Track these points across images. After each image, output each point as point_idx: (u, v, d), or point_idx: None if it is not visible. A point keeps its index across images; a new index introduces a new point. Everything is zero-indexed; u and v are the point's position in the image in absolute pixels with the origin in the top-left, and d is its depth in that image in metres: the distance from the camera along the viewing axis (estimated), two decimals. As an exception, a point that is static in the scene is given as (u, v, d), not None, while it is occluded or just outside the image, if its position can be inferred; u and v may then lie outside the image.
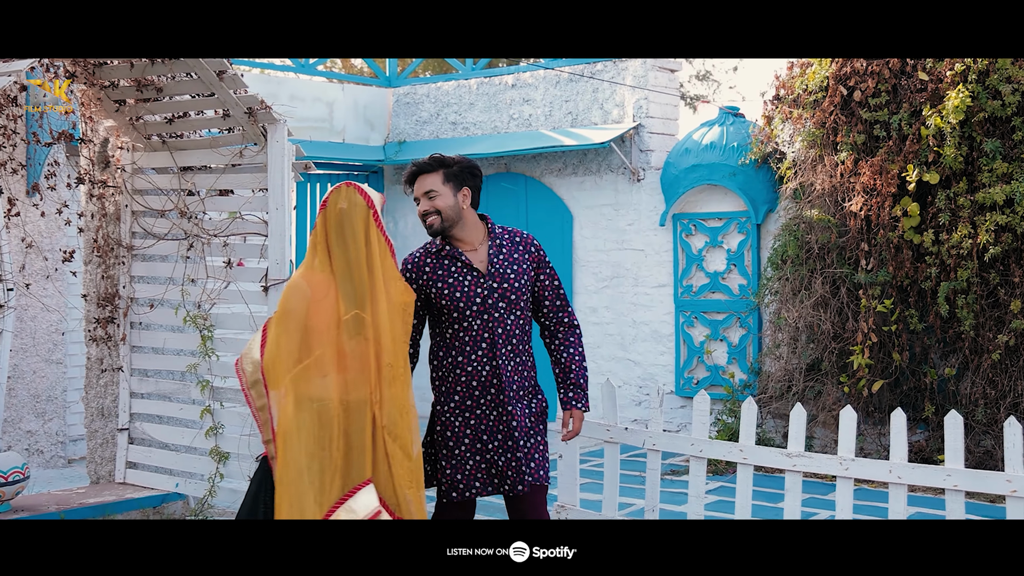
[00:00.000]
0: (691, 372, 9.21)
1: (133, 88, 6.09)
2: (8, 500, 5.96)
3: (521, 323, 4.24)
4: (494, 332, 4.14)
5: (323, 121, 10.55)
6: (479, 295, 4.14)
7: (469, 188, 4.21)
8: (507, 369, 4.16)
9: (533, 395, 4.28)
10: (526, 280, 4.24)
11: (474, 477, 4.14)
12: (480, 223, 4.28)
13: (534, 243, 4.33)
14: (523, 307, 4.24)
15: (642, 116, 9.45)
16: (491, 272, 4.17)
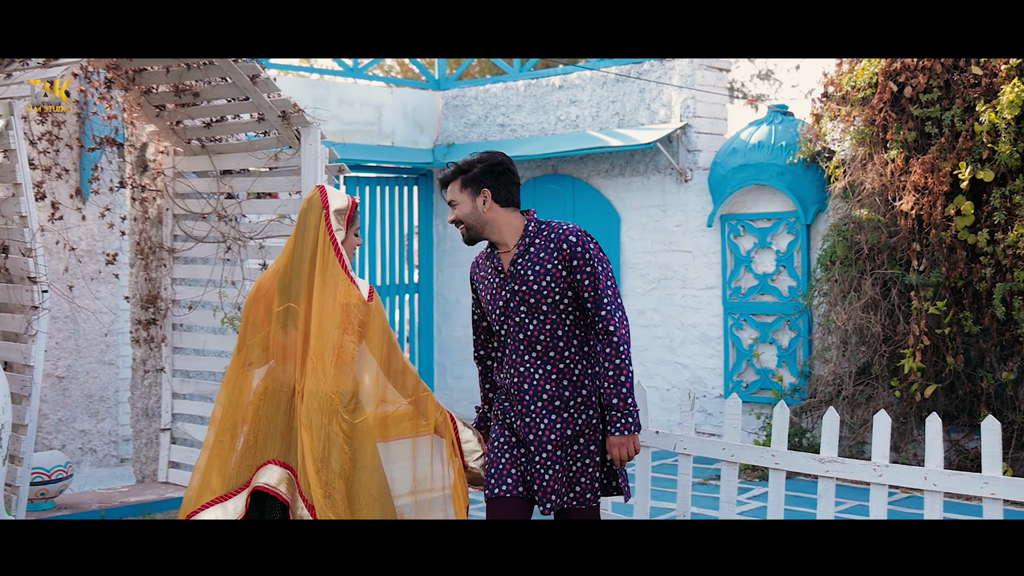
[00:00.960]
0: (740, 375, 9.08)
1: (172, 93, 6.17)
2: (52, 497, 6.08)
3: (550, 328, 3.89)
4: (516, 338, 3.92)
5: (372, 124, 10.60)
6: (502, 299, 3.94)
7: (489, 188, 3.94)
8: (533, 378, 3.90)
9: (575, 410, 3.91)
10: (551, 281, 3.87)
11: (507, 473, 3.92)
12: (515, 221, 3.98)
13: (570, 238, 3.88)
14: (549, 310, 3.88)
15: (689, 116, 9.35)
16: (512, 274, 3.92)
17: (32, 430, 4.94)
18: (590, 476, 3.90)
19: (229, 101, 6.08)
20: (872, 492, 4.66)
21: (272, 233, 6.12)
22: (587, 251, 3.85)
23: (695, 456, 5.41)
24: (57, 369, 8.01)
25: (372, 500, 3.76)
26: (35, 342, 4.90)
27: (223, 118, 6.22)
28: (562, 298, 3.88)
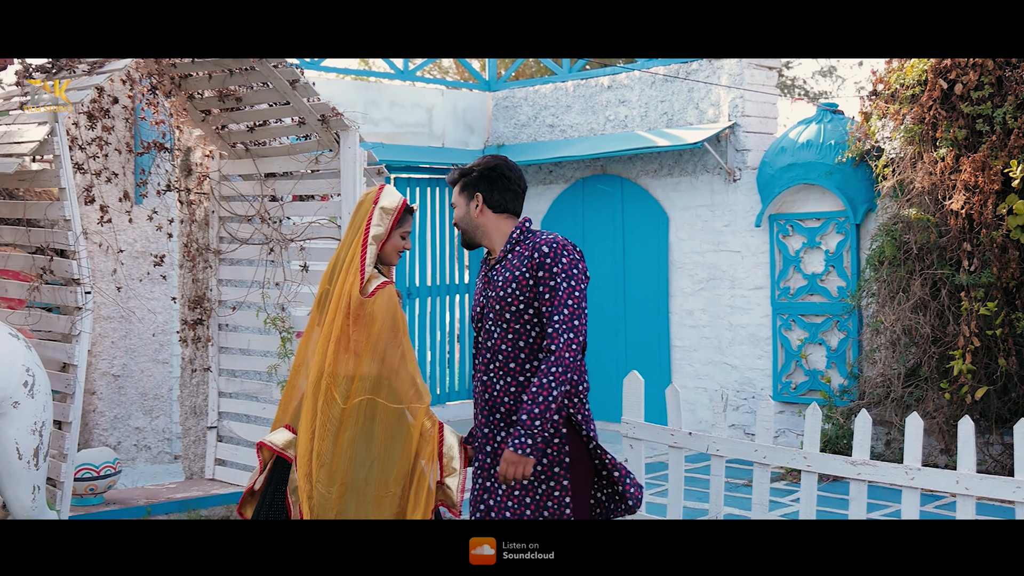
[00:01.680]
0: (789, 376, 9.01)
1: (216, 98, 6.29)
2: (101, 493, 6.23)
3: (511, 338, 3.74)
4: (484, 346, 3.84)
5: (422, 126, 10.68)
6: (478, 304, 3.92)
7: (482, 193, 3.87)
8: (494, 389, 3.79)
9: None
10: (515, 288, 3.72)
11: (480, 500, 3.85)
12: (506, 228, 3.91)
13: (543, 248, 3.72)
14: (512, 319, 3.73)
15: (738, 115, 9.29)
16: (488, 280, 3.87)
17: (76, 428, 5.08)
18: (557, 501, 3.70)
19: (271, 105, 6.19)
20: (904, 495, 4.62)
21: (313, 235, 6.22)
22: (556, 263, 3.65)
23: (736, 459, 5.39)
24: (113, 368, 8.23)
25: (344, 487, 3.89)
26: (79, 342, 5.03)
27: (265, 122, 6.33)
28: (527, 308, 3.73)
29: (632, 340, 10.02)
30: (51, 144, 4.92)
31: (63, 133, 4.93)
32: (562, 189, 10.55)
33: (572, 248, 3.76)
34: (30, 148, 4.91)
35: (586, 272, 3.79)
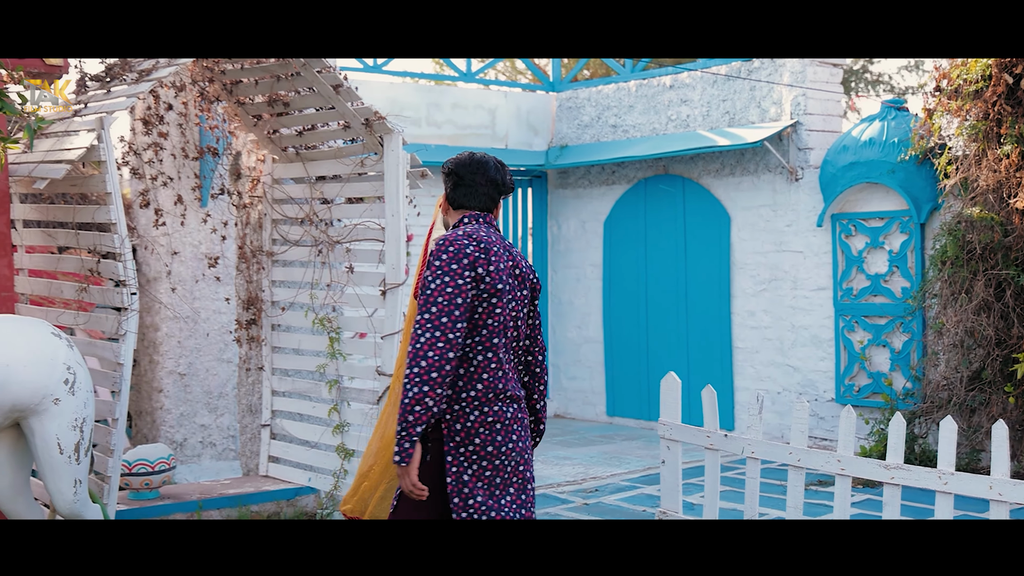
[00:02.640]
0: (852, 379, 8.86)
1: (266, 104, 6.43)
2: (157, 487, 6.42)
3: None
4: None
5: (485, 128, 10.75)
6: None
7: (445, 190, 3.78)
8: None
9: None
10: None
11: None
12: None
13: (433, 246, 3.61)
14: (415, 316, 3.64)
15: (800, 113, 9.17)
16: None
17: (122, 424, 5.24)
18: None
19: (317, 110, 6.30)
20: (937, 500, 4.54)
21: (358, 237, 6.31)
22: (433, 262, 3.48)
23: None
24: (179, 366, 8.43)
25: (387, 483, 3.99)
26: (124, 341, 5.19)
27: (314, 126, 6.45)
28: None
29: (694, 341, 9.95)
30: (97, 151, 5.08)
31: (109, 140, 5.09)
32: (625, 189, 10.53)
33: (457, 247, 3.46)
34: (77, 155, 5.09)
35: (474, 269, 3.43)
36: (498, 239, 3.59)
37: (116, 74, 5.76)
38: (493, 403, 3.48)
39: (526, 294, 3.62)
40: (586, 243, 10.90)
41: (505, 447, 3.48)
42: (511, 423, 3.49)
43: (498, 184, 3.71)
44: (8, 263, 5.48)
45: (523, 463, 3.54)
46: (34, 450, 4.52)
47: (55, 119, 5.62)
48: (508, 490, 3.48)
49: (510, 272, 3.55)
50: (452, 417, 3.47)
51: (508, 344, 3.53)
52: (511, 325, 3.53)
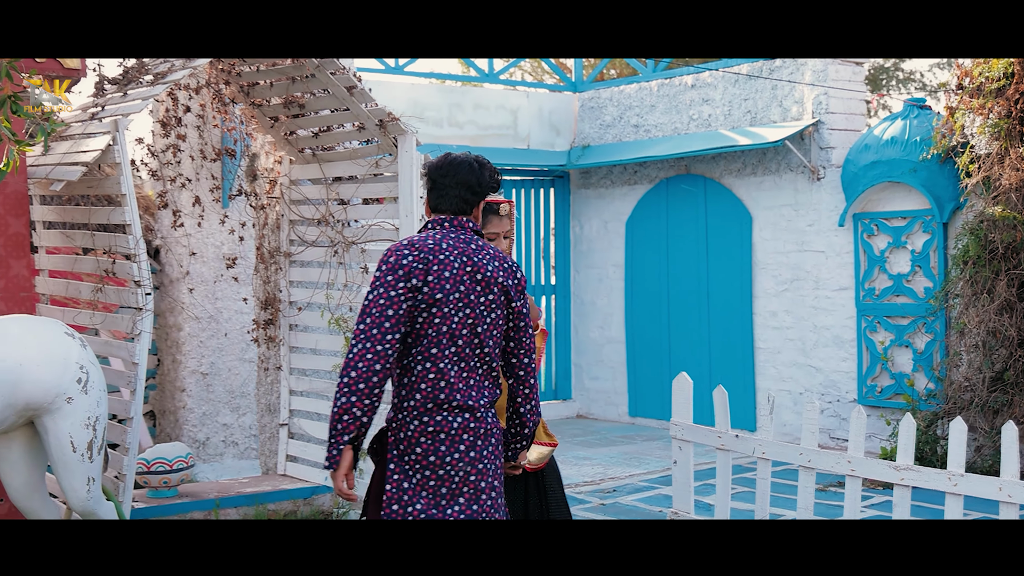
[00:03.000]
0: (874, 379, 8.80)
1: (282, 105, 6.48)
2: (175, 486, 6.48)
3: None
4: None
5: (507, 128, 10.77)
6: None
7: (424, 193, 3.80)
8: None
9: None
10: None
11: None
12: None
13: None
14: None
15: (822, 112, 9.12)
16: None
17: (137, 422, 5.30)
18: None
19: (332, 112, 6.34)
20: (947, 501, 4.51)
21: (373, 237, 6.35)
22: (375, 272, 3.50)
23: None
24: (201, 366, 8.52)
25: None
26: (139, 341, 5.25)
27: (329, 128, 6.49)
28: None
29: (716, 341, 9.92)
30: (112, 153, 5.14)
31: (124, 142, 5.15)
32: (646, 189, 10.51)
33: (395, 257, 3.45)
34: (92, 157, 5.15)
35: (408, 280, 3.40)
36: (455, 244, 3.50)
37: (132, 77, 5.83)
38: (435, 413, 3.42)
39: (492, 299, 3.49)
40: (608, 243, 10.90)
41: (450, 457, 3.40)
42: (459, 432, 3.41)
43: (471, 185, 3.61)
44: (27, 264, 5.56)
45: (475, 473, 3.44)
46: (48, 448, 4.59)
47: (72, 121, 5.69)
48: (457, 499, 3.42)
49: (465, 278, 3.46)
50: (396, 425, 3.47)
51: (460, 353, 3.43)
52: (463, 333, 3.43)
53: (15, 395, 4.38)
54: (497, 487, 3.51)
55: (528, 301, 4.13)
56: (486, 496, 3.47)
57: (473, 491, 3.45)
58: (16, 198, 5.49)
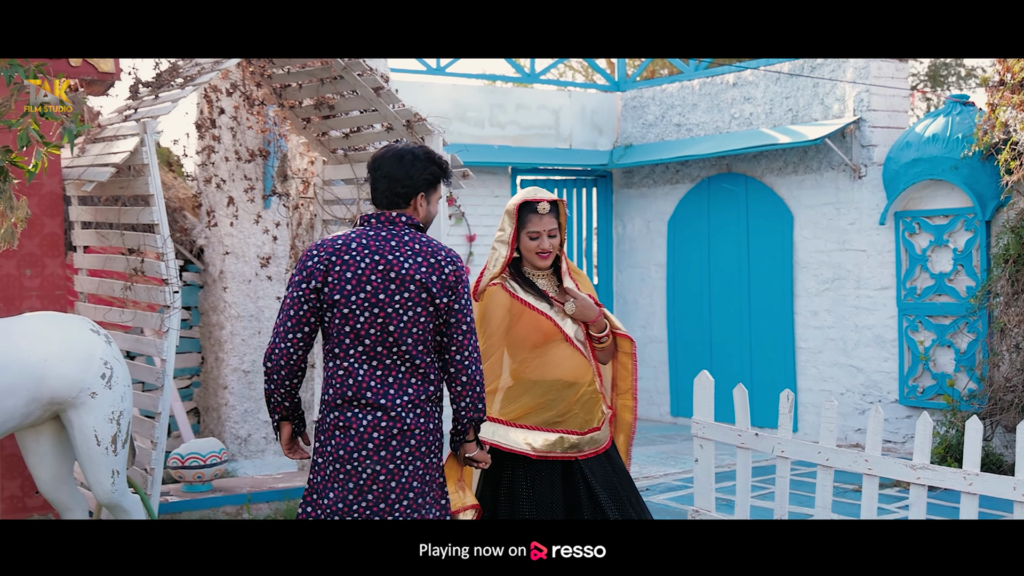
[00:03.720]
0: (916, 380, 8.68)
1: (313, 107, 6.59)
2: (209, 480, 6.62)
3: None
4: None
5: (549, 128, 10.80)
6: None
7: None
8: None
9: None
10: None
11: None
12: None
13: None
14: None
15: (863, 110, 9.02)
16: None
17: (165, 417, 5.43)
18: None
19: (361, 112, 6.43)
20: (962, 501, 4.47)
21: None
22: None
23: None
24: (243, 364, 8.67)
25: None
26: (167, 338, 5.38)
27: (359, 129, 6.58)
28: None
29: (757, 341, 9.86)
30: (140, 155, 5.27)
31: (151, 144, 5.29)
32: (688, 188, 10.48)
33: (304, 258, 3.51)
34: (121, 158, 5.29)
35: (309, 282, 3.43)
36: (369, 242, 3.45)
37: (164, 80, 5.97)
38: (344, 409, 3.44)
39: (408, 296, 3.41)
40: (650, 242, 10.88)
41: (357, 454, 3.39)
42: (367, 431, 3.39)
43: (399, 179, 3.52)
44: (61, 263, 5.72)
45: (386, 472, 3.40)
46: (73, 442, 4.72)
47: (107, 124, 5.85)
48: (365, 496, 3.41)
49: (373, 277, 3.41)
50: (319, 417, 3.53)
51: (369, 352, 3.39)
52: (371, 333, 3.39)
53: (40, 389, 4.51)
54: (417, 488, 3.46)
55: (583, 301, 4.17)
56: (397, 496, 3.43)
57: (382, 490, 3.41)
58: (51, 199, 5.65)
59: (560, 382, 4.16)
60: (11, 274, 5.57)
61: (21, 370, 4.43)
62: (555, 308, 4.20)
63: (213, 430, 8.26)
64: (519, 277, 4.25)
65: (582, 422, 4.17)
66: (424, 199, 3.59)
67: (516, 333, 4.20)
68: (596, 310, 4.21)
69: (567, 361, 4.18)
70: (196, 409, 8.44)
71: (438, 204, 3.70)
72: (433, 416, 3.50)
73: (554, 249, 4.18)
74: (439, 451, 3.55)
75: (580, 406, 4.17)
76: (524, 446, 4.12)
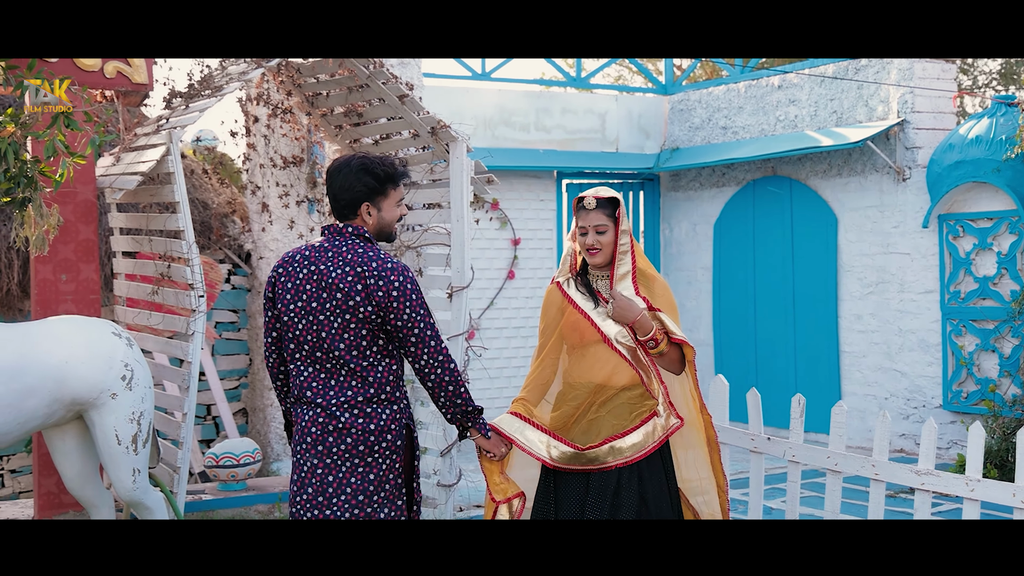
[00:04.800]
0: (959, 385, 8.56)
1: (343, 115, 6.73)
2: (243, 479, 6.79)
3: None
4: None
5: (595, 132, 10.84)
6: None
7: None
8: None
9: None
10: None
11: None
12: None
13: None
14: None
15: (907, 111, 8.92)
16: None
17: (191, 418, 5.60)
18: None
19: (388, 120, 6.55)
20: (965, 507, 4.43)
21: (427, 241, 6.53)
22: None
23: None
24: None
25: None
26: (192, 341, 5.55)
27: (388, 136, 6.71)
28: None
29: (801, 345, 9.79)
30: (166, 163, 5.46)
31: (177, 152, 5.46)
32: (734, 191, 10.45)
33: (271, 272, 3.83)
34: (148, 167, 5.48)
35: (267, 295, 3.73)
36: (311, 253, 3.61)
37: (196, 91, 6.15)
38: (297, 405, 3.66)
39: (336, 304, 3.52)
40: (697, 246, 10.86)
41: (300, 446, 3.61)
42: (308, 425, 3.57)
43: (337, 192, 3.66)
44: (95, 268, 5.93)
45: (323, 467, 3.55)
46: (95, 441, 4.91)
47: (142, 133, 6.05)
48: (306, 488, 3.58)
49: (308, 287, 3.56)
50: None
51: (309, 356, 3.56)
52: (309, 340, 3.55)
53: (61, 390, 4.70)
54: (356, 484, 3.56)
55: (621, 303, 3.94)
56: (335, 491, 3.55)
57: (320, 483, 3.55)
58: (86, 206, 5.87)
59: (592, 384, 4.02)
60: (48, 279, 5.80)
61: (42, 372, 4.62)
62: (598, 309, 4.06)
63: (259, 430, 8.45)
64: (581, 276, 4.15)
65: (610, 427, 3.98)
66: (372, 208, 3.66)
67: (563, 332, 4.13)
68: (636, 312, 3.95)
69: (602, 364, 4.02)
70: (244, 410, 8.63)
71: (395, 209, 3.74)
72: (376, 417, 3.58)
73: (602, 246, 4.01)
74: (392, 453, 3.62)
75: (608, 410, 4.00)
76: (540, 449, 4.01)
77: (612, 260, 4.07)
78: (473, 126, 10.16)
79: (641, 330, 3.98)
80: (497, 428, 3.99)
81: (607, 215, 4.03)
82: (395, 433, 3.62)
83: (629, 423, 3.99)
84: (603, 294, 4.09)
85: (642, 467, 3.97)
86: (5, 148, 4.50)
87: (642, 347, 4.02)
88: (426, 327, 3.60)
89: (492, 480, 3.99)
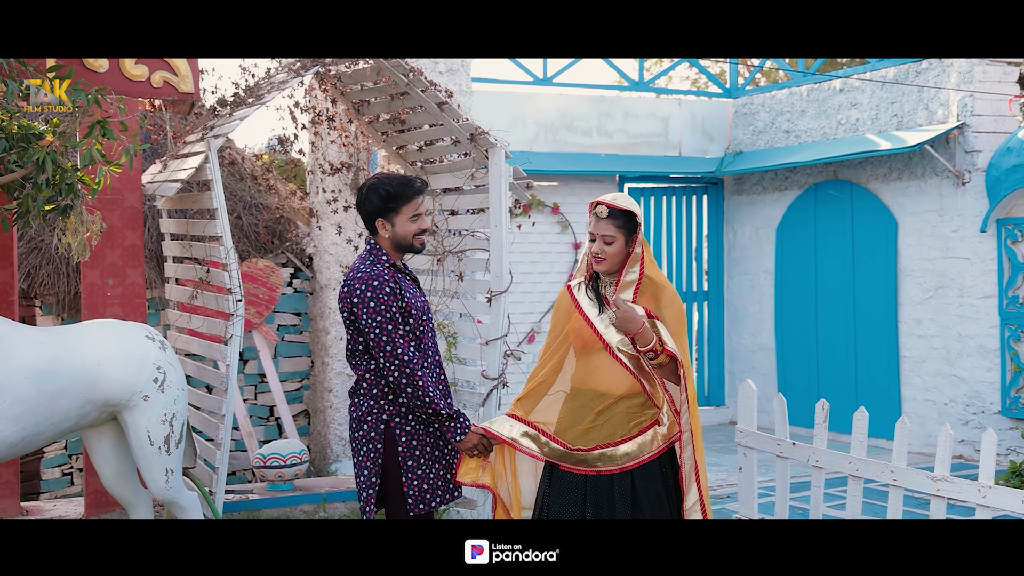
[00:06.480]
0: (1018, 391, 8.36)
1: (388, 121, 6.88)
2: (290, 480, 6.97)
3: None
4: (431, 340, 4.24)
5: (658, 136, 10.83)
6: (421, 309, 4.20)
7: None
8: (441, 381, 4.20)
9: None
10: None
11: (436, 487, 4.11)
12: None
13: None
14: None
15: (967, 115, 8.74)
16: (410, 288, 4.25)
17: (229, 419, 5.77)
18: None
19: (430, 127, 6.67)
20: (977, 513, 4.38)
21: (467, 247, 6.63)
22: None
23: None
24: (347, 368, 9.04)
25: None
26: (230, 345, 5.72)
27: (432, 142, 6.83)
28: None
29: (862, 349, 9.66)
30: (204, 171, 5.65)
31: (215, 159, 5.65)
32: (796, 195, 10.35)
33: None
34: (187, 174, 5.68)
35: None
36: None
37: (241, 99, 6.35)
38: None
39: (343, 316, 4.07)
40: (759, 249, 10.78)
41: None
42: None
43: (360, 206, 4.14)
44: (140, 273, 6.15)
45: (352, 447, 4.09)
46: (129, 441, 5.08)
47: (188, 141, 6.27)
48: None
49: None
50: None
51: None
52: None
53: (94, 392, 4.88)
54: (358, 463, 4.04)
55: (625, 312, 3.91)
56: (358, 471, 4.05)
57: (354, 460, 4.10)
58: (131, 213, 6.09)
59: (593, 392, 4.01)
60: (95, 283, 6.04)
61: (74, 374, 4.79)
62: (602, 315, 4.04)
63: (320, 431, 8.63)
64: (592, 282, 4.16)
65: (605, 435, 3.97)
66: (386, 223, 4.08)
67: (568, 336, 4.13)
68: (638, 323, 3.92)
69: (604, 371, 4.00)
70: (306, 411, 8.81)
71: (410, 223, 4.09)
72: (357, 408, 4.07)
73: (607, 256, 3.99)
74: (367, 443, 4.01)
75: (605, 419, 3.99)
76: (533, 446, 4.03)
77: (621, 267, 4.06)
78: (535, 131, 10.26)
79: (642, 341, 3.94)
80: (488, 430, 4.07)
81: (616, 226, 3.99)
82: (371, 424, 3.98)
83: (625, 432, 3.97)
84: (609, 300, 4.09)
85: (635, 475, 3.94)
86: (44, 157, 4.71)
87: (644, 357, 4.00)
88: (381, 333, 3.92)
89: (464, 462, 4.11)
